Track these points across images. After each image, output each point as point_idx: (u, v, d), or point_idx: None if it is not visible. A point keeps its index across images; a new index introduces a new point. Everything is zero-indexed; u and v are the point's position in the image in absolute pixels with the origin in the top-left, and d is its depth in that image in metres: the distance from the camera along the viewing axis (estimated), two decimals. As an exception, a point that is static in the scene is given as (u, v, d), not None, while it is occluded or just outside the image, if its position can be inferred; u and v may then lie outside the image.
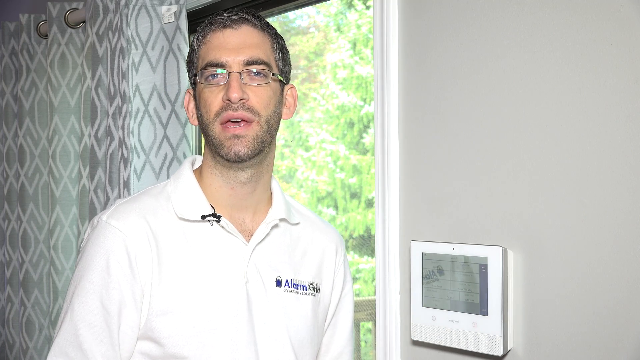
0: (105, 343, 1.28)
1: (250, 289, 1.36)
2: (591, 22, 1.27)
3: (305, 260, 1.46)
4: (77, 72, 2.50)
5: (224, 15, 1.36)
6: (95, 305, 1.28)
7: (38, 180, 2.65)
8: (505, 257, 1.36)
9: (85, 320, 1.28)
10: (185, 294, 1.31)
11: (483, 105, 1.43)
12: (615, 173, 1.24)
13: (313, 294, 1.44)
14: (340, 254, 1.53)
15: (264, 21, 1.39)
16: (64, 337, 1.28)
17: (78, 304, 1.29)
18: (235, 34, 1.35)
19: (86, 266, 1.30)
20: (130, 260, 1.29)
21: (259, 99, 1.33)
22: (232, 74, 1.32)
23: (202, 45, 1.37)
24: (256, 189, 1.40)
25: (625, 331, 1.23)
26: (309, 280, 1.44)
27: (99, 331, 1.28)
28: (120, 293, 1.28)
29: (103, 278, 1.29)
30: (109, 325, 1.28)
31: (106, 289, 1.28)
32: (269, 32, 1.39)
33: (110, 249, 1.29)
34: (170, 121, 2.05)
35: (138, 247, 1.30)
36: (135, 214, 1.33)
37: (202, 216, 1.35)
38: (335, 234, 1.54)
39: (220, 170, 1.37)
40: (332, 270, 1.50)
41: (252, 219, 1.41)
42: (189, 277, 1.32)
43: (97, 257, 1.29)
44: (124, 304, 1.28)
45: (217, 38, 1.35)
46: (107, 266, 1.28)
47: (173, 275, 1.31)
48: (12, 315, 2.75)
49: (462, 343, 1.41)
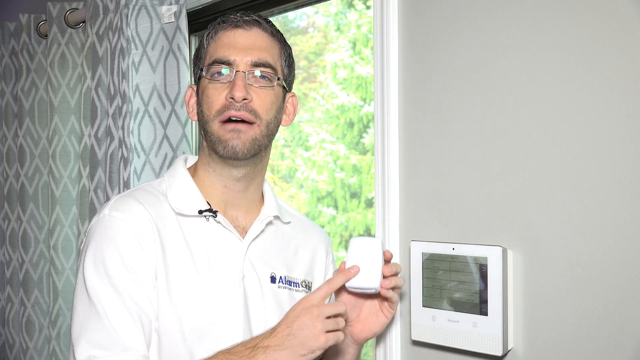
0: (134, 331, 1.25)
1: (247, 285, 1.37)
2: (591, 22, 1.27)
3: (298, 258, 1.49)
4: (77, 72, 2.50)
5: (236, 16, 1.37)
6: (115, 296, 1.26)
7: (38, 180, 2.65)
8: (505, 257, 1.36)
9: (110, 311, 1.25)
10: (185, 288, 1.31)
11: (483, 105, 1.43)
12: (615, 173, 1.24)
13: (306, 291, 1.48)
14: (330, 253, 1.57)
15: (275, 27, 1.41)
16: (90, 331, 1.24)
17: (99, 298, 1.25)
18: (246, 34, 1.36)
19: (99, 260, 1.27)
20: (141, 246, 1.28)
21: (261, 101, 1.34)
22: (238, 73, 1.33)
23: (212, 42, 1.38)
24: (249, 189, 1.42)
25: (625, 331, 1.23)
26: (301, 278, 1.47)
27: (125, 320, 1.25)
28: (137, 280, 1.27)
29: (118, 267, 1.27)
30: (132, 313, 1.26)
31: (123, 278, 1.26)
32: (278, 38, 1.41)
33: (119, 239, 1.28)
34: (170, 121, 2.05)
35: (145, 234, 1.30)
36: (136, 204, 1.33)
37: (199, 211, 1.36)
38: (324, 235, 1.59)
39: (215, 168, 1.38)
40: (322, 269, 1.54)
41: (245, 217, 1.43)
42: (189, 272, 1.33)
43: (107, 249, 1.28)
44: (142, 291, 1.27)
45: (227, 37, 1.36)
46: (121, 256, 1.27)
47: (174, 267, 1.32)
48: (12, 315, 2.75)
49: (462, 343, 1.41)
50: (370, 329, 1.38)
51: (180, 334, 1.30)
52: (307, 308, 1.21)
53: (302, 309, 1.22)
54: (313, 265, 1.52)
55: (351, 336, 1.40)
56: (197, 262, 1.34)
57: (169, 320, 1.30)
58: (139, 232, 1.29)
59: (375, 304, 1.38)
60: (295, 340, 1.20)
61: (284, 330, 1.21)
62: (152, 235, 1.30)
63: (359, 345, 1.44)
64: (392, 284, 1.31)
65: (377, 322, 1.38)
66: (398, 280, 1.34)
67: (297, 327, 1.21)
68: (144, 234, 1.29)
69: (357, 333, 1.39)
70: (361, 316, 1.38)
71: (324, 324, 1.21)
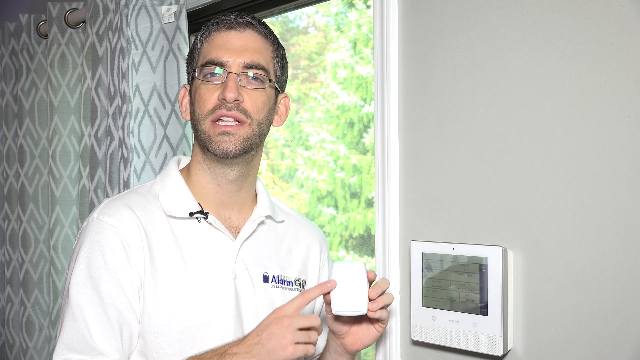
0: (109, 337, 1.29)
1: (239, 285, 1.38)
2: (591, 22, 1.27)
3: (291, 257, 1.49)
4: (77, 72, 2.50)
5: (230, 17, 1.38)
6: (97, 301, 1.29)
7: (38, 180, 2.65)
8: (505, 257, 1.36)
9: (88, 315, 1.28)
10: (174, 290, 1.32)
11: (483, 105, 1.43)
12: (615, 173, 1.24)
13: (299, 289, 1.48)
14: (325, 251, 1.57)
15: (269, 29, 1.42)
16: (68, 334, 1.28)
17: (78, 302, 1.29)
18: (239, 36, 1.37)
19: (83, 263, 1.31)
20: (126, 252, 1.31)
21: (253, 102, 1.36)
22: (230, 74, 1.34)
23: (205, 42, 1.39)
24: (242, 188, 1.43)
25: (625, 331, 1.23)
26: (294, 277, 1.48)
27: (103, 325, 1.28)
28: (120, 286, 1.29)
29: (101, 272, 1.29)
30: (110, 318, 1.29)
31: (105, 282, 1.29)
32: (271, 40, 1.42)
33: (105, 244, 1.30)
34: (170, 121, 2.05)
35: (132, 240, 1.32)
36: (125, 209, 1.34)
37: (189, 213, 1.37)
38: (318, 233, 1.59)
39: (209, 166, 1.40)
40: (317, 266, 1.54)
41: (239, 217, 1.44)
42: (178, 273, 1.34)
43: (93, 252, 1.30)
44: (124, 296, 1.29)
45: (220, 38, 1.37)
46: (105, 261, 1.30)
47: (163, 270, 1.33)
48: (12, 315, 2.75)
49: (462, 343, 1.41)
50: (362, 342, 1.39)
51: (170, 334, 1.31)
52: (279, 318, 1.22)
53: (273, 318, 1.23)
54: (307, 263, 1.52)
55: (343, 347, 1.40)
56: (188, 263, 1.35)
57: (157, 322, 1.31)
58: (125, 238, 1.31)
59: (367, 318, 1.38)
60: (262, 349, 1.21)
61: (253, 339, 1.23)
62: (139, 241, 1.32)
63: (351, 355, 1.44)
64: (379, 306, 1.31)
65: (369, 335, 1.38)
66: (386, 299, 1.33)
67: (266, 336, 1.22)
68: (130, 240, 1.31)
69: (349, 345, 1.40)
70: (353, 329, 1.38)
71: (294, 335, 1.22)
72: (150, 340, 1.31)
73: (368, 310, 1.30)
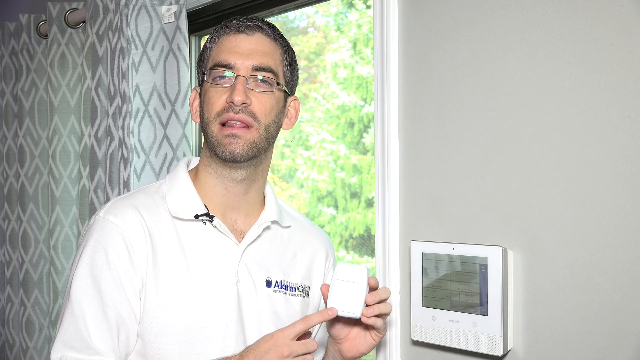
0: (106, 337, 1.29)
1: (241, 289, 1.38)
2: (591, 22, 1.27)
3: (295, 262, 1.48)
4: (77, 72, 2.50)
5: (240, 20, 1.39)
6: (97, 300, 1.30)
7: (38, 180, 2.65)
8: (505, 257, 1.36)
9: (87, 314, 1.29)
10: (176, 291, 1.33)
11: (483, 105, 1.43)
12: (615, 173, 1.24)
13: (302, 295, 1.47)
14: (330, 257, 1.56)
15: (278, 32, 1.42)
16: (67, 331, 1.29)
17: (78, 300, 1.30)
18: (248, 39, 1.38)
19: (86, 262, 1.31)
20: (129, 252, 1.31)
21: (261, 105, 1.35)
22: (238, 77, 1.35)
23: (215, 45, 1.40)
24: (249, 191, 1.42)
25: (624, 331, 1.23)
26: (298, 282, 1.47)
27: (101, 325, 1.29)
28: (121, 286, 1.30)
29: (103, 272, 1.30)
30: (108, 318, 1.29)
31: (107, 282, 1.30)
32: (281, 43, 1.42)
33: (109, 244, 1.31)
34: (170, 121, 2.05)
35: (135, 241, 1.32)
36: (131, 209, 1.35)
37: (195, 215, 1.37)
38: (325, 238, 1.58)
39: (216, 169, 1.39)
40: (322, 272, 1.53)
41: (245, 220, 1.44)
42: (181, 275, 1.34)
43: (96, 252, 1.31)
44: (125, 297, 1.30)
45: (229, 41, 1.38)
46: (107, 261, 1.30)
47: (166, 272, 1.33)
48: (12, 315, 2.75)
49: (462, 343, 1.41)
50: (358, 349, 1.39)
51: (170, 336, 1.31)
52: (279, 346, 1.23)
53: (273, 344, 1.24)
54: (311, 269, 1.51)
55: (340, 353, 1.40)
56: (190, 265, 1.35)
57: (157, 323, 1.31)
58: (129, 239, 1.31)
59: (364, 326, 1.38)
60: None
61: None
62: (142, 242, 1.32)
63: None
64: (374, 313, 1.30)
65: (365, 343, 1.38)
66: (383, 308, 1.32)
67: None
68: (134, 241, 1.32)
69: (345, 351, 1.40)
70: (350, 335, 1.38)
71: None
72: (150, 341, 1.31)
73: (362, 315, 1.30)
